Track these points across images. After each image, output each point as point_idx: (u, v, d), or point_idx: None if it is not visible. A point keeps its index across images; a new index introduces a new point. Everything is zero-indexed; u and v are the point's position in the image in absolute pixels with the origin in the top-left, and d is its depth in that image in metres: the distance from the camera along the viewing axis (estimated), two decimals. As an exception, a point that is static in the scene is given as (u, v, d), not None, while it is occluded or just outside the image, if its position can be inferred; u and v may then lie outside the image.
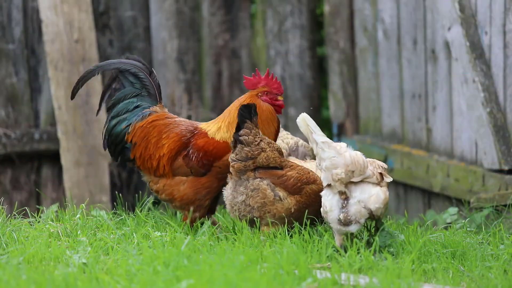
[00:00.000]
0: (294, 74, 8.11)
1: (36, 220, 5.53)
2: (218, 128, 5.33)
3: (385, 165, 5.10)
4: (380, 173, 5.01)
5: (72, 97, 5.56)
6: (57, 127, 7.49)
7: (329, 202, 5.02)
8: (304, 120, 5.02)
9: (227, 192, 5.21)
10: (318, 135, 5.00)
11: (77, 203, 6.65)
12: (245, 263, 4.47)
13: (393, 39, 7.44)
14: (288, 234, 5.09)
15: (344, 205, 5.00)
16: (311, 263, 4.63)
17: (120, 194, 6.34)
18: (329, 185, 5.02)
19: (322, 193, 5.05)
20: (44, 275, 4.34)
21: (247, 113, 5.14)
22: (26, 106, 7.52)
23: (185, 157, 5.31)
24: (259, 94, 5.33)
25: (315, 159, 5.79)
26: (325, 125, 8.36)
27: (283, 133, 5.86)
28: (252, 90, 5.35)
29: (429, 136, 7.15)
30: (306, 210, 5.13)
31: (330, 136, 8.19)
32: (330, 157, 4.97)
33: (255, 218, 5.13)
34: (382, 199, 5.01)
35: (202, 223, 5.34)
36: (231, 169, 5.17)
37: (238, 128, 5.15)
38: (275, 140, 5.36)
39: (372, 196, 5.00)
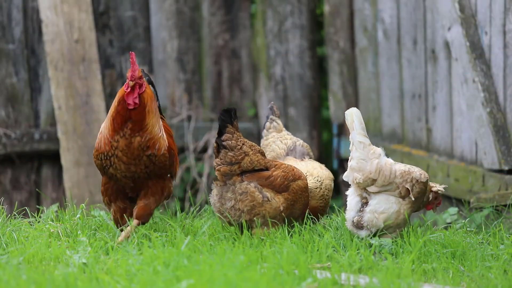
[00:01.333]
0: (294, 74, 8.11)
1: (36, 220, 5.53)
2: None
3: (423, 178, 5.10)
4: (407, 189, 5.04)
5: None
6: (57, 127, 7.49)
7: (349, 202, 5.12)
8: (352, 115, 5.04)
9: (213, 199, 5.18)
10: (356, 134, 5.03)
11: (77, 203, 6.65)
12: (245, 263, 4.47)
13: (393, 39, 7.44)
14: (288, 234, 5.09)
15: (361, 209, 5.05)
16: (311, 263, 4.63)
17: (120, 194, 6.32)
18: None
19: (347, 192, 5.14)
20: (44, 275, 4.34)
21: (227, 117, 5.10)
22: (26, 106, 7.52)
23: None
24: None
25: (313, 158, 5.85)
26: (325, 125, 8.36)
27: (282, 133, 5.87)
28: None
29: (429, 136, 7.15)
30: (294, 206, 5.15)
31: (330, 136, 8.19)
32: (358, 158, 5.01)
33: (246, 221, 5.12)
34: (393, 219, 5.05)
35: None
36: (216, 173, 5.13)
37: (220, 132, 5.12)
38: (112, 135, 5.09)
39: (384, 213, 5.04)
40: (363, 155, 5.02)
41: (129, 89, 5.01)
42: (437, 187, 5.22)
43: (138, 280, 4.22)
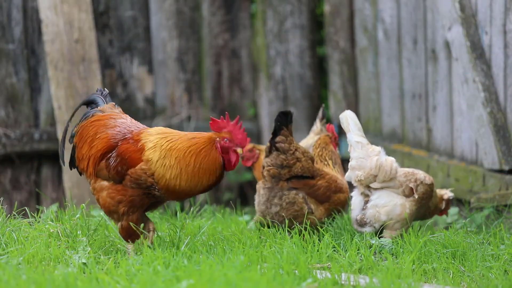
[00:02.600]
0: (294, 74, 8.11)
1: (35, 220, 5.52)
2: (155, 146, 4.87)
3: (428, 181, 5.16)
4: (411, 188, 5.11)
5: (71, 168, 5.17)
6: (57, 127, 7.48)
7: (354, 202, 5.22)
8: (346, 118, 5.13)
9: (258, 199, 5.21)
10: (353, 134, 5.13)
11: (77, 203, 6.64)
12: (245, 263, 4.46)
13: (393, 39, 7.44)
14: (289, 235, 5.09)
15: (364, 207, 5.13)
16: (311, 263, 4.63)
17: (120, 194, 6.31)
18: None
19: (352, 193, 5.23)
20: (44, 275, 4.33)
21: (284, 119, 5.14)
22: (26, 106, 7.52)
23: (107, 160, 4.91)
24: (219, 139, 4.90)
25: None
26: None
27: (319, 135, 5.87)
28: (214, 132, 4.93)
29: (429, 136, 7.15)
30: (331, 215, 5.25)
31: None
32: (357, 158, 5.11)
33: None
34: (397, 213, 5.09)
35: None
36: (265, 173, 5.16)
37: (275, 134, 5.15)
38: (201, 191, 4.87)
39: (386, 206, 5.09)
40: (362, 154, 5.10)
41: (236, 155, 4.83)
42: (447, 194, 5.30)
43: (138, 280, 4.22)
